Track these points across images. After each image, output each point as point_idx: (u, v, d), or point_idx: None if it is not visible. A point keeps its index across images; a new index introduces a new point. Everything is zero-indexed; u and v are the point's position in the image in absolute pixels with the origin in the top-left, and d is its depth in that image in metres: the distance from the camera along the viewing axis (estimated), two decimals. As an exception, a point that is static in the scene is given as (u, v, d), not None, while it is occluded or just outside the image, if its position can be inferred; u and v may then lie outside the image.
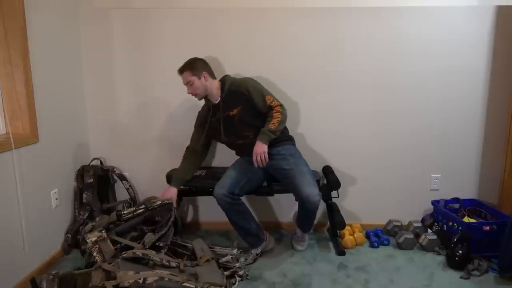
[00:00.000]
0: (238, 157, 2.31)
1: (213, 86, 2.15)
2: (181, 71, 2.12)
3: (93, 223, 1.92)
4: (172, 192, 2.18)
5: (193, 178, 2.29)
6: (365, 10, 2.38)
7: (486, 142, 2.52)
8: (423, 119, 2.50)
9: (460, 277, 1.99)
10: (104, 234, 1.84)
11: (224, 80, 2.18)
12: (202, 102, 2.40)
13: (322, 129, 2.52)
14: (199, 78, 2.10)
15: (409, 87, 2.46)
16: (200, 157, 2.34)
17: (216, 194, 2.03)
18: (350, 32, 2.41)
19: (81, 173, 2.37)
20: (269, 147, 2.06)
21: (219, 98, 2.16)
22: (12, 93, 1.88)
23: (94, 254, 1.79)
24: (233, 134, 2.16)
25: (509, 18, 2.36)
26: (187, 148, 2.32)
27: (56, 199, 2.17)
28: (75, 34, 2.39)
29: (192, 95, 2.15)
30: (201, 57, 2.45)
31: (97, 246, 1.80)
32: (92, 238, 1.81)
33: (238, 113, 2.11)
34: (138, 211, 2.06)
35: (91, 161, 2.49)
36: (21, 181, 1.85)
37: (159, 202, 2.10)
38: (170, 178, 2.32)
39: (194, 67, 2.11)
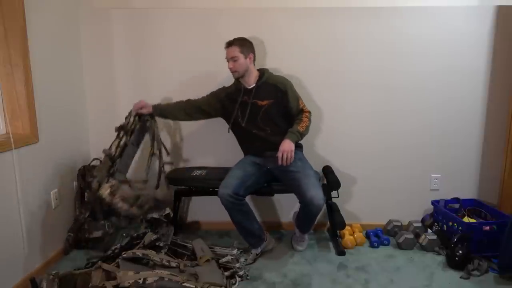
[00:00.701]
0: (239, 157, 2.31)
1: (253, 71, 2.19)
2: (230, 44, 2.13)
3: (95, 179, 1.85)
4: (144, 104, 2.18)
5: (193, 178, 2.29)
6: (365, 10, 2.38)
7: (486, 142, 2.52)
8: (423, 119, 2.50)
9: (460, 277, 1.99)
10: (113, 181, 1.80)
11: (263, 71, 2.22)
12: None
13: (322, 129, 2.52)
14: (245, 58, 2.13)
15: (409, 87, 2.46)
16: (189, 114, 2.28)
17: (221, 194, 2.02)
18: (351, 32, 2.41)
19: (82, 172, 2.37)
20: (276, 150, 2.08)
21: (254, 84, 2.18)
22: (12, 93, 1.88)
23: (119, 205, 1.74)
24: (252, 122, 2.17)
25: (509, 18, 2.36)
26: (188, 99, 2.29)
27: (56, 199, 2.17)
28: (75, 34, 2.39)
29: (232, 71, 2.14)
30: (201, 57, 2.46)
31: (115, 195, 1.75)
32: (105, 192, 1.75)
33: (267, 106, 2.15)
34: (121, 139, 2.03)
35: (91, 161, 2.49)
36: (21, 181, 1.85)
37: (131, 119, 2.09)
38: (170, 178, 2.32)
39: (244, 44, 2.14)
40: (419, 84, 2.46)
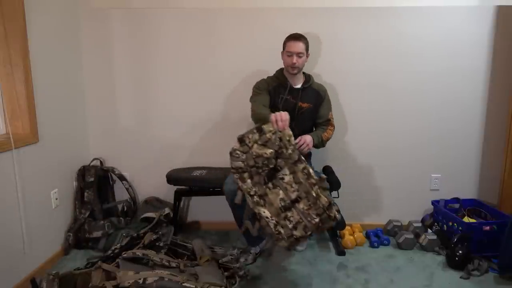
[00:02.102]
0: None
1: (301, 73, 2.21)
2: (298, 38, 2.10)
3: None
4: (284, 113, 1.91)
5: (193, 178, 2.29)
6: (364, 10, 2.38)
7: (486, 142, 2.52)
8: (423, 119, 2.50)
9: (460, 277, 1.99)
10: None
11: (308, 74, 2.25)
12: (203, 103, 2.41)
13: (322, 129, 2.52)
14: (306, 56, 2.15)
15: (409, 87, 2.46)
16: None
17: (227, 190, 2.00)
18: (350, 32, 2.41)
19: (82, 172, 2.38)
20: None
21: (300, 86, 2.19)
22: (12, 93, 1.88)
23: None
24: (290, 120, 2.09)
25: (509, 18, 2.36)
26: (257, 102, 2.15)
27: (56, 199, 2.17)
28: (75, 34, 2.39)
29: (294, 67, 2.11)
30: (200, 57, 2.46)
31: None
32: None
33: (306, 109, 2.18)
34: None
35: (91, 161, 2.49)
36: (21, 181, 1.85)
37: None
38: (170, 178, 2.32)
39: (307, 42, 2.13)
40: (419, 84, 2.46)
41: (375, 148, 2.54)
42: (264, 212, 1.66)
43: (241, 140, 1.72)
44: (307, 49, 2.13)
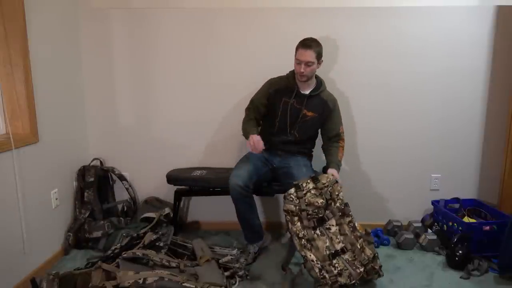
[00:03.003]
0: (239, 157, 2.30)
1: (314, 77, 2.14)
2: (309, 47, 1.99)
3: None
4: (257, 137, 2.06)
5: (193, 178, 2.29)
6: (364, 10, 2.38)
7: (486, 142, 2.52)
8: (423, 119, 2.50)
9: (460, 277, 1.99)
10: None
11: (320, 81, 2.17)
12: (203, 103, 2.40)
13: (322, 129, 2.52)
14: (317, 64, 2.05)
15: (409, 87, 2.46)
16: (258, 122, 2.24)
17: (232, 185, 2.01)
18: (351, 32, 2.41)
19: (82, 172, 2.37)
20: (291, 153, 2.15)
21: (308, 92, 2.13)
22: (12, 93, 1.88)
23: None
24: (290, 125, 2.14)
25: (509, 18, 2.36)
26: (249, 109, 2.24)
27: (56, 199, 2.17)
28: (75, 34, 2.39)
29: (302, 75, 2.03)
30: (200, 57, 2.46)
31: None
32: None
33: (311, 118, 2.13)
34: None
35: (91, 161, 2.49)
36: (21, 181, 1.85)
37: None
38: (170, 178, 2.32)
39: (319, 50, 2.03)
40: (419, 84, 2.46)
41: (375, 148, 2.54)
42: (310, 255, 1.74)
43: (297, 186, 1.85)
44: (318, 56, 2.03)
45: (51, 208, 2.12)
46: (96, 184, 2.37)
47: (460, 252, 2.06)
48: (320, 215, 1.81)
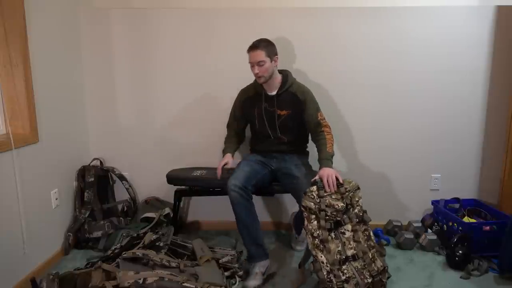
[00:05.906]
0: (239, 157, 2.30)
1: (277, 75, 2.09)
2: (255, 47, 1.97)
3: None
4: (228, 157, 2.13)
5: (193, 178, 2.29)
6: (364, 10, 2.38)
7: (486, 142, 2.52)
8: (423, 119, 2.50)
9: (460, 277, 1.99)
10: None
11: (286, 76, 2.11)
12: (203, 103, 2.40)
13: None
14: (271, 61, 2.00)
15: (409, 87, 2.46)
16: (241, 137, 2.32)
17: (230, 186, 1.93)
18: (351, 32, 2.41)
19: (82, 172, 2.38)
20: (287, 153, 2.12)
21: (275, 92, 2.09)
22: (12, 93, 1.88)
23: None
24: (271, 128, 2.13)
25: (509, 18, 2.36)
26: (229, 126, 2.31)
27: (56, 199, 2.17)
28: (75, 34, 2.39)
29: (258, 76, 2.01)
30: (201, 57, 2.46)
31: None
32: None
33: (286, 116, 2.10)
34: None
35: (91, 161, 2.49)
36: (21, 181, 1.85)
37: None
38: (170, 178, 2.32)
39: (269, 47, 2.00)
40: (419, 84, 2.45)
41: (375, 148, 2.54)
42: (321, 256, 1.72)
43: (319, 187, 1.83)
44: (270, 53, 1.99)
45: (51, 208, 2.12)
46: (96, 184, 2.37)
47: (460, 252, 2.06)
48: (338, 218, 1.79)
